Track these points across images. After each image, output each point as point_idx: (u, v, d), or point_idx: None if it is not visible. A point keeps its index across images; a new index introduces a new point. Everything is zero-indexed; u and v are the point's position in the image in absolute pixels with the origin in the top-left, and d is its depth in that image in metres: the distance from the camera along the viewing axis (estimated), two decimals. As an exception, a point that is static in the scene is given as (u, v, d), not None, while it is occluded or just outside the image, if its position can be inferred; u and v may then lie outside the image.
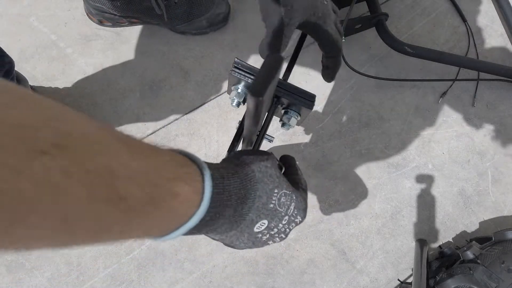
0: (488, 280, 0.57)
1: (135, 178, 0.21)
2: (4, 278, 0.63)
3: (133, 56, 0.76)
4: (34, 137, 0.17)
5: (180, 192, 0.24)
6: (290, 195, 0.35)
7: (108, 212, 0.20)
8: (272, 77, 0.28)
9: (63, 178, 0.17)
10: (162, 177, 0.23)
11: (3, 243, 0.17)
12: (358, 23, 0.74)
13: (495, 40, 0.83)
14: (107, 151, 0.20)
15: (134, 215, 0.21)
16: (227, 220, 0.29)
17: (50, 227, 0.18)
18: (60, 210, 0.18)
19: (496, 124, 0.77)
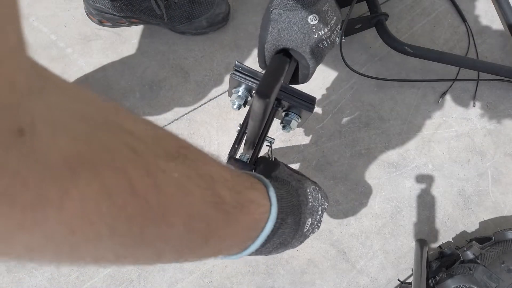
0: (488, 280, 0.57)
1: (226, 184, 0.23)
2: (4, 278, 0.63)
3: (133, 56, 0.76)
4: (166, 145, 0.20)
5: (255, 198, 0.26)
6: (315, 188, 0.39)
7: (214, 214, 0.21)
8: (278, 79, 0.28)
9: (187, 180, 0.20)
10: (241, 185, 0.25)
11: (137, 244, 0.18)
12: (358, 23, 0.74)
13: (495, 40, 0.83)
14: (207, 160, 0.23)
15: (229, 220, 0.23)
16: (290, 227, 0.31)
17: (182, 225, 0.19)
18: (187, 208, 0.19)
19: (496, 124, 0.77)
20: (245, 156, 0.45)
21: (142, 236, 0.17)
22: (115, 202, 0.15)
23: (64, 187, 0.13)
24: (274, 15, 0.44)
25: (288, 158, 0.72)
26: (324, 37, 0.45)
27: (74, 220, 0.14)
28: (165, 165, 0.18)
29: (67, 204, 0.13)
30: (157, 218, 0.17)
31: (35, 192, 0.12)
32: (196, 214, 0.20)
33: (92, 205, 0.14)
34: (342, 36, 0.71)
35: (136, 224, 0.17)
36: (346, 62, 0.72)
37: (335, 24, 0.46)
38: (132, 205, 0.16)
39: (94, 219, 0.15)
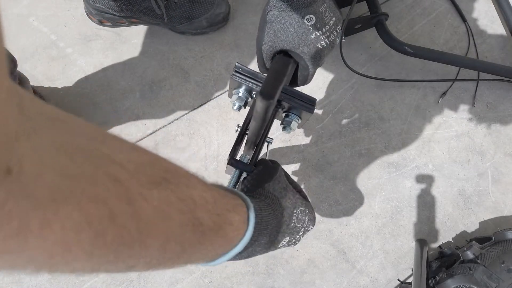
0: (488, 280, 0.57)
1: (206, 207, 0.24)
2: (4, 278, 0.63)
3: (133, 56, 0.76)
4: (150, 172, 0.21)
5: (233, 221, 0.27)
6: (304, 210, 0.40)
7: (190, 236, 0.23)
8: (281, 80, 0.28)
9: (167, 205, 0.21)
10: (222, 208, 0.26)
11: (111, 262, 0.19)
12: (358, 23, 0.74)
13: (495, 40, 0.83)
14: (191, 183, 0.24)
15: (204, 240, 0.24)
16: (262, 246, 0.33)
17: (157, 248, 0.21)
18: (164, 233, 0.21)
19: (496, 124, 0.77)
20: (245, 157, 0.44)
21: (116, 256, 0.19)
22: (95, 231, 0.17)
23: (45, 218, 0.15)
24: (270, 16, 0.44)
25: (288, 158, 0.72)
26: (322, 37, 0.45)
27: (54, 247, 0.16)
28: (146, 193, 0.20)
29: (47, 233, 0.15)
30: (134, 243, 0.19)
31: (18, 222, 0.14)
32: (172, 237, 0.22)
33: (71, 234, 0.16)
34: (342, 36, 0.71)
35: (113, 249, 0.18)
36: (346, 62, 0.72)
37: (334, 24, 0.46)
38: (111, 232, 0.18)
39: (72, 246, 0.16)
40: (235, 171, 0.44)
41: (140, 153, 0.22)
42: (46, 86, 0.73)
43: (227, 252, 0.28)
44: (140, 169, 0.20)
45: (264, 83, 0.28)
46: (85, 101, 0.73)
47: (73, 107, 0.72)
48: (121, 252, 0.19)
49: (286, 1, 0.43)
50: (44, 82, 0.73)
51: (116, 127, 0.72)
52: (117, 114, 0.72)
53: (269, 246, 0.34)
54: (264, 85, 0.27)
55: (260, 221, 0.30)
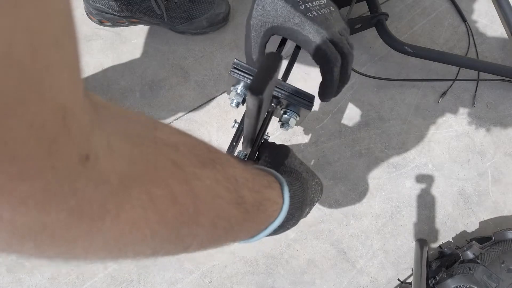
0: (488, 280, 0.57)
1: (247, 185, 0.26)
2: (4, 278, 0.63)
3: (133, 56, 0.76)
4: (198, 153, 0.22)
5: (271, 197, 0.29)
6: (318, 182, 0.41)
7: (236, 213, 0.24)
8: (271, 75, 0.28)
9: (217, 184, 0.22)
10: (260, 185, 0.28)
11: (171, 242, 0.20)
12: (358, 23, 0.74)
13: (495, 40, 0.83)
14: (231, 163, 0.26)
15: (248, 216, 0.25)
16: (295, 219, 0.33)
17: (208, 225, 0.22)
18: (215, 210, 0.22)
19: (496, 123, 0.77)
20: (242, 154, 0.44)
21: (177, 235, 0.20)
22: (159, 210, 0.18)
23: (119, 202, 0.16)
24: None
25: (288, 158, 0.72)
26: (312, 8, 0.42)
27: (126, 226, 0.17)
28: (200, 173, 0.21)
29: (121, 215, 0.17)
30: (191, 221, 0.20)
31: (98, 206, 0.15)
32: (222, 214, 0.23)
33: (140, 214, 0.17)
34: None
35: (174, 227, 0.20)
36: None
37: (326, 4, 0.44)
38: (172, 211, 0.19)
39: (141, 224, 0.18)
40: None
41: (186, 136, 0.24)
42: (46, 86, 0.73)
43: (267, 227, 0.29)
44: (190, 150, 0.22)
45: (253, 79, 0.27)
46: (85, 101, 0.73)
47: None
48: (180, 230, 0.20)
49: None
50: (44, 82, 0.73)
51: (116, 127, 0.72)
52: (117, 114, 0.72)
53: (299, 219, 0.35)
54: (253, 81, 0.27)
55: (293, 195, 0.32)
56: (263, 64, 0.28)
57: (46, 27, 0.11)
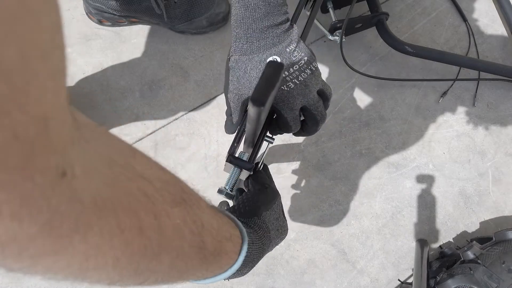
0: (489, 280, 0.57)
1: (211, 232, 0.26)
2: (3, 278, 0.63)
3: (132, 56, 0.76)
4: (172, 191, 0.23)
5: (228, 251, 0.29)
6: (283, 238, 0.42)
7: (194, 256, 0.24)
8: (273, 86, 0.28)
9: (184, 225, 0.23)
10: (223, 236, 0.28)
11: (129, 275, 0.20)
12: (358, 23, 0.74)
13: (496, 40, 0.83)
14: (201, 206, 0.26)
15: (203, 262, 0.26)
16: (244, 273, 0.35)
17: (167, 264, 0.22)
18: (176, 250, 0.22)
19: (496, 123, 0.77)
20: (244, 155, 0.44)
21: (136, 268, 0.20)
22: (125, 239, 0.18)
23: (89, 223, 0.16)
24: (231, 62, 0.42)
25: (288, 157, 0.72)
26: (289, 78, 0.41)
27: (91, 249, 0.17)
28: (169, 210, 0.22)
29: (89, 237, 0.16)
30: (153, 256, 0.20)
31: (68, 225, 0.15)
32: (182, 256, 0.23)
33: (107, 239, 0.17)
34: (342, 35, 0.71)
35: (136, 260, 0.19)
36: (346, 62, 0.72)
37: (306, 63, 0.42)
38: (138, 243, 0.19)
39: (106, 251, 0.17)
40: (234, 168, 0.44)
41: (163, 171, 0.24)
42: (45, 85, 0.72)
43: (215, 276, 0.30)
44: (164, 187, 0.22)
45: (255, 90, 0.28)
46: (84, 100, 0.72)
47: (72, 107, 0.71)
48: (141, 264, 0.20)
49: (246, 43, 0.41)
50: (43, 81, 0.73)
51: (116, 127, 0.72)
52: (116, 113, 0.72)
53: (251, 269, 0.36)
54: (255, 92, 0.27)
55: (249, 254, 0.32)
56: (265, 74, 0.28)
57: (37, 41, 0.12)
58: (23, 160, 0.12)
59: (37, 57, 0.12)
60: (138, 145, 0.71)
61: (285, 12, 0.42)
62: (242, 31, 0.41)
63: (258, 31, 0.41)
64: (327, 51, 0.79)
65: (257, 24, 0.40)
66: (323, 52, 0.79)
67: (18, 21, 0.11)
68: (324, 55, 0.79)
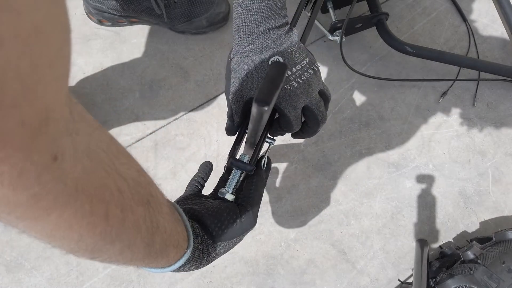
0: (489, 280, 0.57)
1: (163, 235, 0.30)
2: (3, 278, 0.63)
3: (132, 56, 0.76)
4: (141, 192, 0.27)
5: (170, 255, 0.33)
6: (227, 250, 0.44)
7: (142, 250, 0.28)
8: (277, 86, 0.28)
9: (143, 222, 0.27)
10: (171, 241, 0.32)
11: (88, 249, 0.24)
12: (358, 23, 0.74)
13: (496, 40, 0.83)
14: (161, 211, 0.30)
15: (149, 257, 0.30)
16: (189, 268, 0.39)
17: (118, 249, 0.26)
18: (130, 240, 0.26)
19: (496, 123, 0.77)
20: (245, 156, 0.44)
21: (93, 247, 0.24)
22: (92, 222, 0.22)
23: (67, 202, 0.20)
24: (233, 64, 0.42)
25: (288, 157, 0.72)
26: (292, 77, 0.41)
27: (63, 223, 0.20)
28: (135, 208, 0.25)
29: (65, 214, 0.20)
30: (109, 240, 0.24)
31: (51, 200, 0.18)
32: (132, 246, 0.27)
33: (78, 219, 0.21)
34: (342, 35, 0.71)
35: (95, 240, 0.23)
36: (346, 62, 0.72)
37: (308, 64, 0.42)
38: (101, 227, 0.23)
39: (74, 227, 0.21)
40: (235, 171, 0.44)
41: (139, 173, 0.28)
42: (45, 85, 0.72)
43: (149, 268, 0.34)
44: (136, 187, 0.26)
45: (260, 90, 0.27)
46: (84, 100, 0.73)
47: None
48: (97, 244, 0.24)
49: (248, 45, 0.41)
50: (43, 81, 0.73)
51: (116, 127, 0.72)
52: (116, 113, 0.72)
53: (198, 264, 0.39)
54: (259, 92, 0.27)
55: (183, 267, 0.36)
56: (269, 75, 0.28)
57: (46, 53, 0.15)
58: (26, 143, 0.15)
59: (45, 65, 0.15)
60: (138, 145, 0.71)
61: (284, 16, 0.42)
62: (244, 34, 0.41)
63: (260, 33, 0.41)
64: (327, 51, 0.79)
65: (259, 26, 0.40)
66: (323, 52, 0.79)
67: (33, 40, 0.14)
68: (324, 55, 0.79)
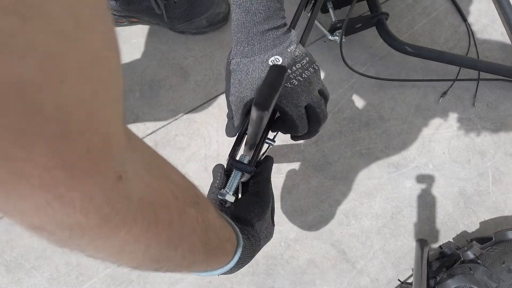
0: (489, 280, 0.57)
1: (216, 231, 0.30)
2: (3, 278, 0.63)
3: (132, 56, 0.76)
4: (190, 194, 0.27)
5: (227, 250, 0.33)
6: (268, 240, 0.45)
7: (201, 250, 0.28)
8: (276, 90, 0.28)
9: (197, 223, 0.27)
10: (223, 236, 0.32)
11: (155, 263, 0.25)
12: (358, 23, 0.74)
13: (496, 40, 0.83)
14: (210, 209, 0.30)
15: (207, 256, 0.30)
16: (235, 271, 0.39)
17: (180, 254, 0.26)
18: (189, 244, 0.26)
19: (496, 123, 0.77)
20: (245, 158, 0.44)
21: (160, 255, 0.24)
22: (158, 231, 0.22)
23: (135, 218, 0.20)
24: (232, 65, 0.42)
25: (288, 158, 0.72)
26: (292, 75, 0.41)
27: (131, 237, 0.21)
28: (188, 210, 0.26)
29: (133, 228, 0.20)
30: (173, 246, 0.25)
31: (120, 218, 0.19)
32: (192, 249, 0.27)
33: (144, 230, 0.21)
34: (342, 35, 0.71)
35: (161, 248, 0.24)
36: (346, 62, 0.72)
37: (308, 63, 0.42)
38: (165, 234, 0.23)
39: (141, 238, 0.21)
40: (235, 172, 0.44)
41: (183, 178, 0.28)
42: (45, 85, 0.72)
43: (212, 271, 0.34)
44: (186, 190, 0.27)
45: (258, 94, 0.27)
46: (84, 100, 0.72)
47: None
48: (163, 252, 0.24)
49: (247, 46, 0.41)
50: (43, 81, 0.73)
51: (116, 127, 0.72)
52: (116, 114, 0.72)
53: (237, 271, 0.40)
54: (258, 96, 0.27)
55: (242, 256, 0.36)
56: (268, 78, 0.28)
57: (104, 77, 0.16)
58: (93, 168, 0.16)
59: (104, 89, 0.16)
60: (138, 145, 0.71)
61: (283, 17, 0.42)
62: (243, 35, 0.41)
63: (259, 34, 0.41)
64: (327, 51, 0.79)
65: (257, 27, 0.40)
66: (323, 52, 0.79)
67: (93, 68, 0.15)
68: (324, 55, 0.79)
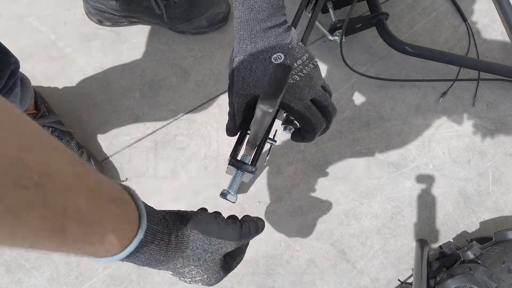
0: (489, 280, 0.57)
1: (80, 221, 0.25)
2: (3, 278, 0.63)
3: (132, 56, 0.76)
4: (21, 174, 0.21)
5: (112, 239, 0.28)
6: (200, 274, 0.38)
7: (51, 241, 0.24)
8: (281, 89, 0.28)
9: (26, 209, 0.21)
10: (106, 225, 0.27)
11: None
12: (358, 23, 0.74)
13: (496, 40, 0.83)
14: (70, 194, 0.24)
15: (72, 242, 0.25)
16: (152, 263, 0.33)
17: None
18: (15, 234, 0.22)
19: (496, 123, 0.77)
20: (246, 157, 0.44)
21: None
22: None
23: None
24: (235, 63, 0.42)
25: (288, 158, 0.72)
26: (294, 71, 0.42)
27: None
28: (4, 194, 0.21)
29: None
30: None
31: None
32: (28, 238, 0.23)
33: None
34: (342, 35, 0.71)
35: None
36: (346, 62, 0.72)
37: (308, 59, 0.43)
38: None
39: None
40: (237, 171, 0.44)
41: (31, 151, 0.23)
42: (45, 86, 0.72)
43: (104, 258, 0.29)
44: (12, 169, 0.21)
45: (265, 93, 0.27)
46: (85, 100, 0.73)
47: (73, 107, 0.72)
48: None
49: (250, 43, 0.41)
50: (43, 82, 0.73)
51: (116, 127, 0.72)
52: (116, 113, 0.72)
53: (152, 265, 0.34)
54: (264, 94, 0.27)
55: (142, 247, 0.30)
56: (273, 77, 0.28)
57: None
58: None
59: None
60: (138, 145, 0.71)
61: (284, 14, 0.43)
62: (247, 33, 0.41)
63: (262, 31, 0.41)
64: (327, 51, 0.79)
65: (261, 25, 0.41)
66: (323, 52, 0.79)
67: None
68: (324, 55, 0.79)
